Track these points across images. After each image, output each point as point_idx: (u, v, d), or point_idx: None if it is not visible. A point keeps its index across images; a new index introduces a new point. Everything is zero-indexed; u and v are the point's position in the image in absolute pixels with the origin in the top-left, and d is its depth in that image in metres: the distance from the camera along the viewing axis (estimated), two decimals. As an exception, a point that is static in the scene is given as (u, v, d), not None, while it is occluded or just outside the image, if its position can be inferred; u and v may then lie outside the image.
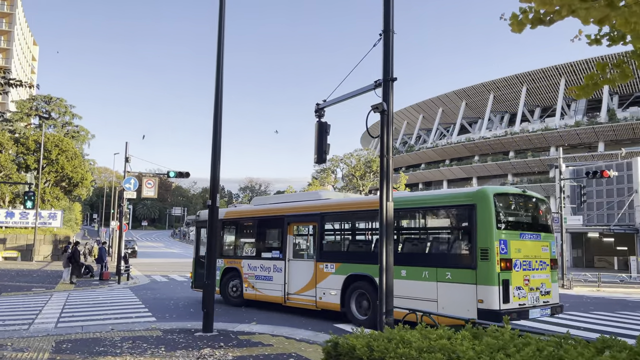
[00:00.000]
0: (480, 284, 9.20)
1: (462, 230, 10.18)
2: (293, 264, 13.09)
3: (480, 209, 9.62)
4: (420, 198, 11.90)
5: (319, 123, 8.38)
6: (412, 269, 10.44)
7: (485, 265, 9.25)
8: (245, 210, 16.04)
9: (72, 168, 39.78)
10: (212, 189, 10.30)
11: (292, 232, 13.49)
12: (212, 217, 10.21)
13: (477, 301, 9.22)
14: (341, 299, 11.58)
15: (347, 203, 13.43)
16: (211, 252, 10.17)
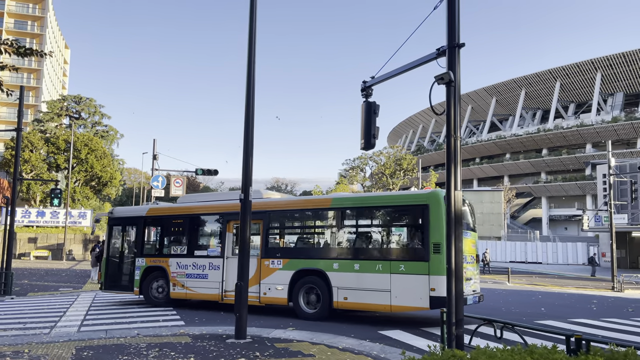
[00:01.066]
0: (433, 274, 10.30)
1: (416, 227, 11.28)
2: (232, 262, 12.89)
3: (432, 208, 10.74)
4: (377, 198, 13.15)
5: (367, 103, 7.37)
6: (366, 263, 11.28)
7: (438, 258, 10.33)
8: (174, 207, 15.33)
9: (101, 167, 39.78)
10: (245, 181, 9.45)
11: (232, 230, 13.39)
12: (244, 212, 9.36)
13: (430, 290, 10.29)
14: (289, 293, 12.00)
15: (298, 202, 14.28)
16: (244, 252, 9.31)
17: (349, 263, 11.43)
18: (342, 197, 13.13)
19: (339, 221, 12.33)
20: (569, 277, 30.79)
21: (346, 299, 11.29)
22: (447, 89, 6.16)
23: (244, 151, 9.53)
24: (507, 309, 14.38)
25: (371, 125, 7.13)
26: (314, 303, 11.78)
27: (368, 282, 11.08)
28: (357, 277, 11.22)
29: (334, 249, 12.12)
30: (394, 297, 10.73)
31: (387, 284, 10.87)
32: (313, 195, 18.18)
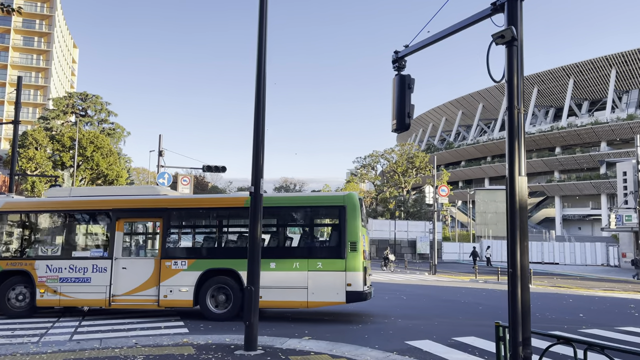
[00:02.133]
0: (349, 270, 11.07)
1: (334, 227, 11.88)
2: (123, 263, 12.03)
3: (349, 209, 11.49)
4: (296, 199, 13.13)
5: (399, 77, 6.26)
6: (283, 261, 11.57)
7: (354, 255, 11.25)
8: (42, 202, 13.79)
9: (107, 165, 38.97)
10: (255, 173, 8.40)
11: (122, 229, 12.37)
12: (255, 207, 8.30)
13: (346, 285, 11.01)
14: (195, 295, 11.60)
15: (210, 200, 14.00)
16: (254, 252, 8.26)
17: (265, 262, 11.00)
18: None
19: None
20: (592, 278, 29.50)
21: (261, 297, 10.81)
22: (509, 49, 5.06)
23: (254, 141, 8.49)
24: (542, 314, 13.24)
25: (405, 102, 6.03)
26: (223, 303, 11.57)
27: (285, 280, 11.37)
28: (273, 275, 11.39)
29: None
30: (310, 293, 11.20)
31: (304, 281, 11.28)
32: (226, 194, 17.67)
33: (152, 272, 11.79)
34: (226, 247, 12.52)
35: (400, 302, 15.65)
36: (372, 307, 14.16)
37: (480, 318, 12.58)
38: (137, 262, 12.13)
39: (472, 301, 16.42)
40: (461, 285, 23.41)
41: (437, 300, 16.47)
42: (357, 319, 11.98)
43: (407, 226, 43.51)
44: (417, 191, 51.44)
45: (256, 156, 8.46)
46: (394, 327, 10.87)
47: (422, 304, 15.46)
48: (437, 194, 30.04)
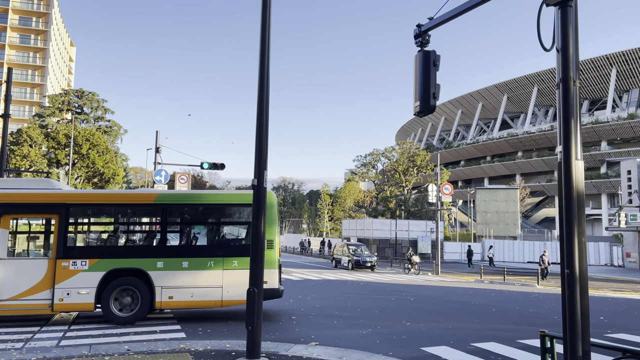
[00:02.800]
0: (267, 268, 10.30)
1: (250, 224, 11.43)
2: (8, 264, 10.83)
3: (266, 207, 10.36)
4: (210, 196, 12.67)
5: (423, 54, 5.57)
6: (197, 260, 11.19)
7: (271, 253, 11.14)
8: None
9: (103, 163, 38.20)
10: (259, 166, 7.71)
11: (7, 226, 11.15)
12: (258, 202, 7.63)
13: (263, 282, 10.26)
14: (97, 297, 10.81)
15: (115, 195, 13.21)
16: (258, 250, 7.59)
17: (177, 261, 11.10)
18: (170, 194, 12.55)
19: (165, 218, 11.66)
20: (598, 278, 28.89)
21: (171, 297, 10.92)
22: (562, 11, 4.41)
23: (257, 131, 7.80)
24: (560, 317, 12.56)
25: (430, 81, 5.34)
26: (128, 306, 10.95)
27: (198, 279, 11.07)
28: (186, 275, 11.06)
29: (160, 248, 11.48)
30: (225, 292, 11.01)
31: (219, 280, 11.08)
32: (136, 189, 16.24)
33: (45, 273, 10.76)
34: (134, 246, 11.96)
35: (408, 304, 14.98)
36: (380, 309, 13.51)
37: (496, 321, 11.93)
38: (26, 263, 11.05)
39: (482, 303, 15.77)
40: (467, 285, 22.76)
41: (446, 302, 15.80)
42: (365, 322, 11.31)
43: (408, 226, 42.82)
44: (418, 190, 50.77)
45: (259, 147, 7.78)
46: (406, 331, 10.20)
47: (432, 306, 14.79)
48: (441, 192, 29.38)
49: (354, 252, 32.12)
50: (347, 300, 15.48)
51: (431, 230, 42.94)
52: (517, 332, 10.02)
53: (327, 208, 69.37)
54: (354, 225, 45.23)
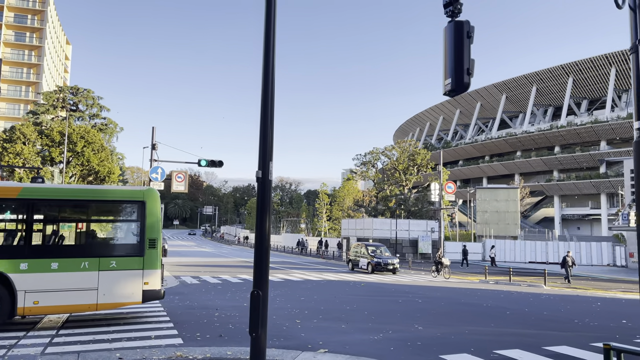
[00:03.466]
0: (147, 269, 10.40)
1: (131, 223, 11.02)
2: None
3: (149, 204, 10.85)
4: (87, 191, 11.44)
5: (455, 24, 4.81)
6: (68, 261, 10.24)
7: (153, 253, 10.62)
8: None
9: (98, 161, 37.42)
10: (263, 156, 7.03)
11: None
12: (263, 196, 6.96)
13: (143, 284, 10.37)
14: None
15: None
16: (263, 248, 6.92)
17: (45, 262, 10.05)
18: (38, 188, 10.90)
19: (31, 215, 10.41)
20: (603, 279, 28.34)
21: (37, 303, 9.82)
22: None
23: (261, 119, 7.12)
24: (581, 321, 11.94)
25: (463, 55, 4.65)
26: None
27: (70, 282, 10.11)
28: (55, 277, 10.03)
29: (24, 248, 10.13)
30: (101, 295, 10.20)
31: (94, 282, 10.24)
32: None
33: None
34: None
35: (416, 306, 14.32)
36: (388, 311, 12.86)
37: (514, 325, 11.28)
38: None
39: (495, 305, 15.11)
40: (473, 286, 22.14)
41: (457, 304, 15.14)
42: (374, 326, 10.65)
43: (409, 225, 42.20)
44: (418, 190, 50.16)
45: (264, 137, 7.10)
46: (420, 336, 9.55)
47: (442, 309, 14.14)
48: (444, 190, 28.74)
49: (374, 254, 29.59)
50: (352, 302, 14.84)
51: (432, 230, 42.36)
52: (540, 338, 9.39)
53: (326, 208, 68.71)
54: (354, 225, 44.57)
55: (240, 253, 52.89)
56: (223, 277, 23.30)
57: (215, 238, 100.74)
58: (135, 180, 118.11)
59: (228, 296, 15.94)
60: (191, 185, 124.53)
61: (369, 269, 29.02)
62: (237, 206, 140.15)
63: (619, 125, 70.41)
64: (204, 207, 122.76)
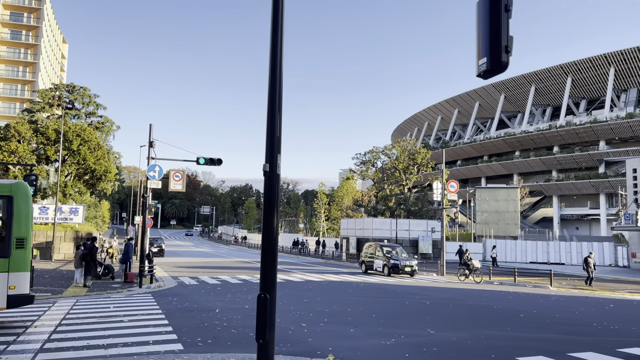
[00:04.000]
0: (14, 271, 9.45)
1: None
2: None
3: (18, 200, 9.92)
4: None
5: None
6: None
7: (21, 254, 9.68)
8: None
9: (94, 160, 36.78)
10: (271, 149, 6.49)
11: None
12: (270, 191, 6.45)
13: (9, 288, 9.40)
14: None
15: None
16: (270, 247, 6.42)
17: None
18: None
19: None
20: (607, 279, 27.92)
21: None
22: None
23: (268, 108, 6.57)
24: (600, 324, 11.46)
25: (501, 31, 4.14)
26: None
27: None
28: None
29: None
30: None
31: None
32: None
33: None
34: None
35: (425, 309, 13.84)
36: (396, 314, 12.37)
37: (530, 329, 10.79)
38: None
39: (506, 307, 14.62)
40: (478, 287, 21.68)
41: (466, 307, 14.65)
42: (385, 330, 10.17)
43: (409, 225, 41.73)
44: (419, 189, 49.71)
45: (271, 127, 6.56)
46: (435, 341, 9.07)
47: (452, 311, 13.65)
48: (446, 189, 28.30)
49: (390, 255, 27.72)
50: (357, 303, 14.35)
51: (432, 230, 41.91)
52: (562, 343, 8.92)
53: (324, 207, 68.22)
54: (353, 225, 44.08)
55: (238, 253, 52.35)
56: (222, 278, 22.79)
57: (212, 238, 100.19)
58: (132, 180, 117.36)
59: (228, 297, 15.44)
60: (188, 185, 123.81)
61: (384, 272, 27.32)
62: (234, 206, 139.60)
63: (618, 125, 70.19)
64: (201, 207, 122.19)
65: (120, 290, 17.86)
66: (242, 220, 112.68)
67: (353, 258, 40.65)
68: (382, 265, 27.56)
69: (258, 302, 6.18)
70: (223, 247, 69.52)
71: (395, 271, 26.77)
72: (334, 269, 31.12)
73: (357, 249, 41.71)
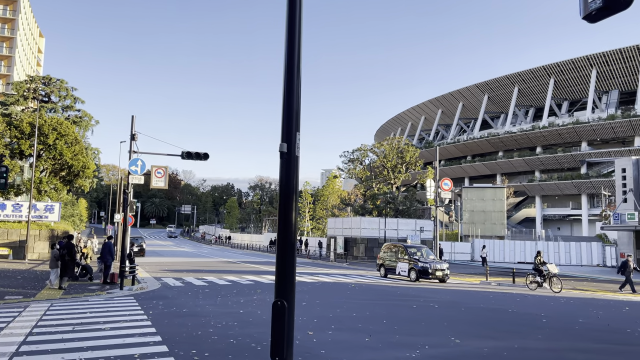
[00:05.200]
0: None
1: None
2: None
3: None
4: None
5: None
6: None
7: None
8: None
9: (72, 155, 35.05)
10: (287, 125, 5.33)
11: None
12: (288, 177, 5.33)
13: None
14: None
15: None
16: (287, 245, 5.34)
17: None
18: None
19: None
20: (602, 280, 27.51)
21: None
22: None
23: (285, 77, 5.38)
24: (634, 330, 10.57)
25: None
26: None
27: None
28: None
29: None
30: None
31: None
32: None
33: None
34: None
35: (436, 313, 12.85)
36: (408, 319, 11.39)
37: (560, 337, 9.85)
38: None
39: (520, 311, 13.64)
40: (476, 288, 20.89)
41: (479, 310, 13.62)
42: (403, 338, 9.17)
43: (397, 224, 40.98)
44: (407, 188, 49.04)
45: (288, 99, 5.38)
46: (464, 352, 8.10)
47: (467, 316, 12.61)
48: (440, 187, 27.52)
49: (416, 257, 23.94)
50: (360, 307, 13.33)
51: (421, 229, 41.23)
52: (608, 356, 7.98)
53: (309, 207, 67.16)
54: (341, 224, 43.17)
55: (221, 253, 50.97)
56: (208, 279, 21.56)
57: (194, 238, 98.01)
58: (111, 179, 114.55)
59: (219, 301, 14.27)
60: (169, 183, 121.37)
61: (411, 276, 23.46)
62: (216, 205, 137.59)
63: (600, 126, 70.73)
64: (182, 206, 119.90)
65: (99, 292, 16.54)
66: (224, 219, 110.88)
67: (341, 258, 39.67)
68: (408, 269, 23.73)
69: (274, 311, 5.06)
70: (205, 246, 67.98)
71: (424, 276, 23.06)
72: (323, 270, 30.04)
73: (344, 248, 40.77)
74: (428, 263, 23.26)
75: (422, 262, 23.31)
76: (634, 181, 37.15)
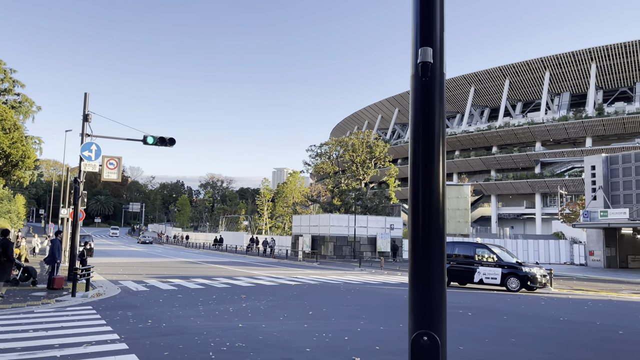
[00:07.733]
0: None
1: None
2: None
3: None
4: None
5: None
6: None
7: None
8: None
9: (9, 142, 31.09)
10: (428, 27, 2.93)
11: None
12: (431, 105, 2.90)
13: None
14: None
15: None
16: (432, 231, 3.15)
17: None
18: None
19: None
20: (581, 278, 26.79)
21: None
22: None
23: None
24: None
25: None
26: None
27: None
28: None
29: None
30: None
31: None
32: None
33: None
34: None
35: (471, 324, 10.89)
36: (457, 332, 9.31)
37: (625, 343, 8.07)
38: None
39: (577, 319, 11.79)
40: (478, 289, 19.24)
41: (517, 317, 11.75)
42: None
43: (367, 222, 39.20)
44: (376, 184, 47.44)
45: None
46: None
47: (524, 329, 10.65)
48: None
49: (506, 259, 19.36)
50: (384, 317, 11.17)
51: (391, 227, 39.67)
52: None
53: (267, 205, 64.51)
54: (307, 221, 40.91)
55: (177, 252, 47.60)
56: (175, 282, 18.81)
57: (144, 237, 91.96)
58: (52, 175, 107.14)
59: (202, 310, 11.71)
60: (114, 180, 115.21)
61: (512, 285, 18.59)
62: (165, 204, 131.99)
63: (554, 127, 72.22)
64: (130, 203, 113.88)
65: (46, 300, 13.58)
66: (175, 218, 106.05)
67: (310, 258, 37.45)
68: (501, 275, 18.87)
69: (414, 350, 2.78)
70: (157, 246, 64.04)
71: (526, 284, 18.42)
72: (296, 270, 27.69)
73: (311, 247, 38.61)
74: (528, 268, 18.85)
75: (525, 266, 18.91)
76: (604, 179, 37.05)
